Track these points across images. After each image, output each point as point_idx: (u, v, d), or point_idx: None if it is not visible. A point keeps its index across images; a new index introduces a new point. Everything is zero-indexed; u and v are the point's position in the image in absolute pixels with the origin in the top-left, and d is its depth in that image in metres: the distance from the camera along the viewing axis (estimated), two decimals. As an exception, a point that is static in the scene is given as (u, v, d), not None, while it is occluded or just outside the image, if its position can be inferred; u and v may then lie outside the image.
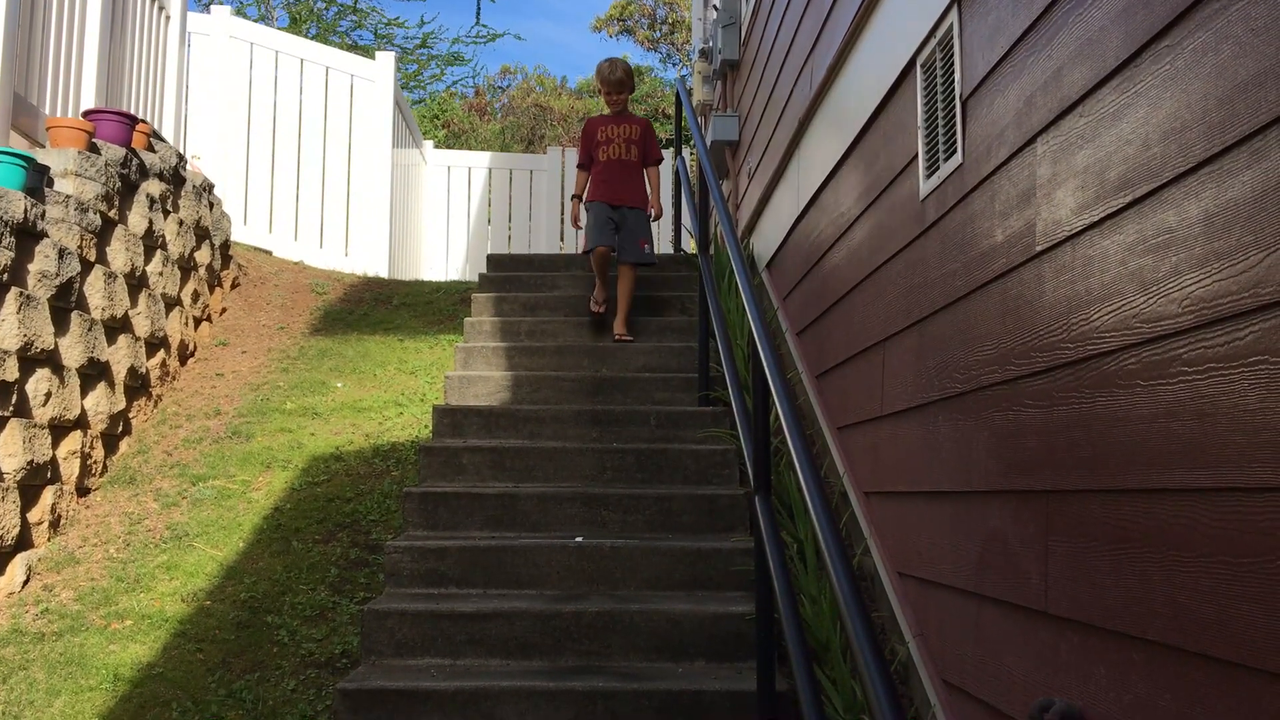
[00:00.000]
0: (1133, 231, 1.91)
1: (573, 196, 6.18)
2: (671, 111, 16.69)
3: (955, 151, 2.86)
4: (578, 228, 6.14)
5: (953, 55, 2.92)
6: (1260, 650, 1.52)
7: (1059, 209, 2.21)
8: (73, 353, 4.43)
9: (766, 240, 5.99)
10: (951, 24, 2.93)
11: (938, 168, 3.00)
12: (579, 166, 6.19)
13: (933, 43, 3.09)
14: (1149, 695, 1.82)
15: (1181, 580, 1.72)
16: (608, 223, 5.91)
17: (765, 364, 2.99)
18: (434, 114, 19.46)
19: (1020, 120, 2.44)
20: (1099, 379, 2.02)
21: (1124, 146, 1.95)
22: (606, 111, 6.29)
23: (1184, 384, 1.73)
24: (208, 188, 6.60)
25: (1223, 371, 1.63)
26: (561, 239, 10.93)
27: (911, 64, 3.28)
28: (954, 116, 2.88)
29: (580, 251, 6.08)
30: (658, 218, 6.11)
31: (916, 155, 3.18)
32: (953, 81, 2.91)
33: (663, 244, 10.22)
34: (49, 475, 4.22)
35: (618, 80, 6.08)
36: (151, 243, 5.47)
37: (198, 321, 6.19)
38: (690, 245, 7.75)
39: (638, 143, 6.09)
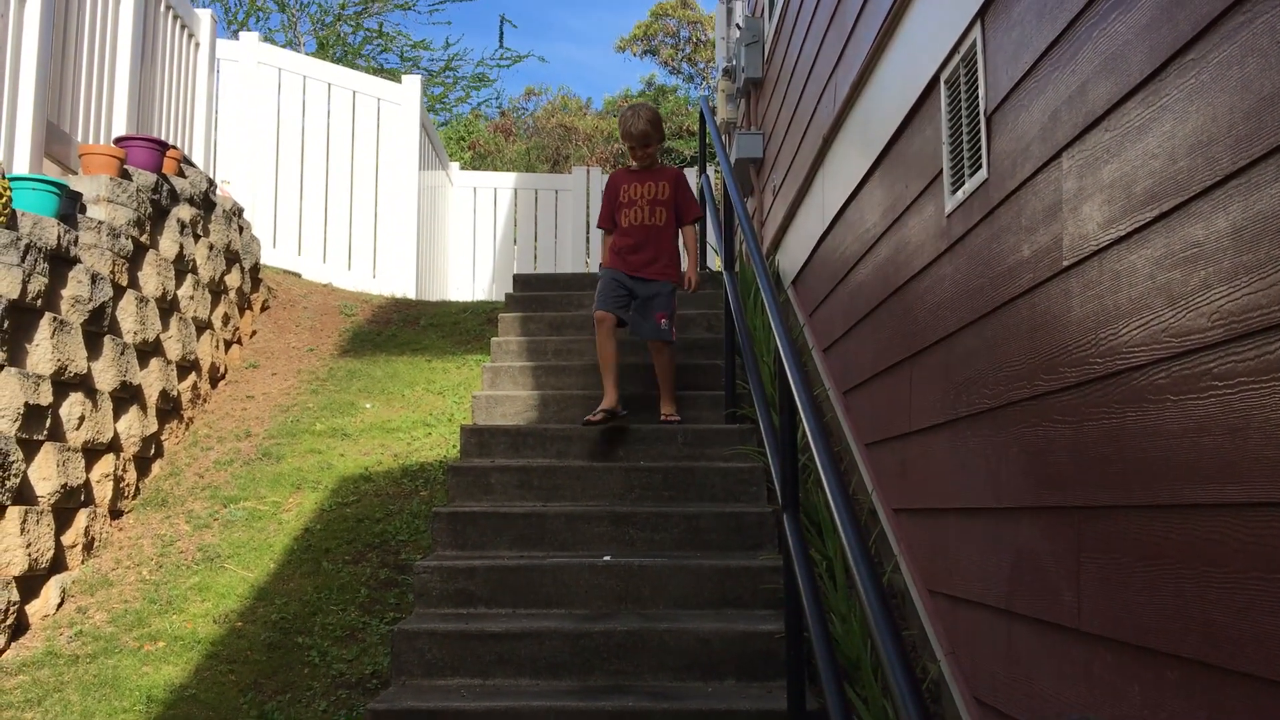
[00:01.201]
0: (1160, 245, 1.90)
1: (601, 265, 5.36)
2: (696, 129, 16.74)
3: (980, 167, 2.85)
4: None
5: (977, 71, 2.92)
6: (1297, 667, 1.51)
7: (1086, 223, 2.20)
8: (105, 376, 4.48)
9: (792, 257, 5.98)
10: (975, 40, 2.93)
11: (963, 183, 2.99)
12: (601, 228, 5.39)
13: (956, 59, 3.09)
14: (1184, 714, 1.80)
15: (1215, 596, 1.70)
16: (619, 288, 5.06)
17: (792, 381, 2.98)
18: (459, 135, 19.60)
19: (1045, 135, 2.43)
20: (1128, 394, 2.00)
21: (1150, 160, 1.94)
22: (632, 165, 5.36)
23: (1214, 398, 1.72)
24: (237, 212, 6.67)
25: (1253, 385, 1.62)
26: (588, 257, 10.98)
27: (935, 80, 3.28)
28: (979, 132, 2.88)
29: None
30: (694, 289, 5.34)
31: (941, 171, 3.18)
32: (977, 97, 2.91)
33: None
34: (82, 498, 4.26)
35: (641, 133, 5.15)
36: (182, 267, 5.53)
37: (228, 344, 6.25)
38: (716, 263, 7.75)
39: (665, 203, 5.16)
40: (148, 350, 4.98)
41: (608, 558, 4.00)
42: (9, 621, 3.75)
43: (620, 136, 5.34)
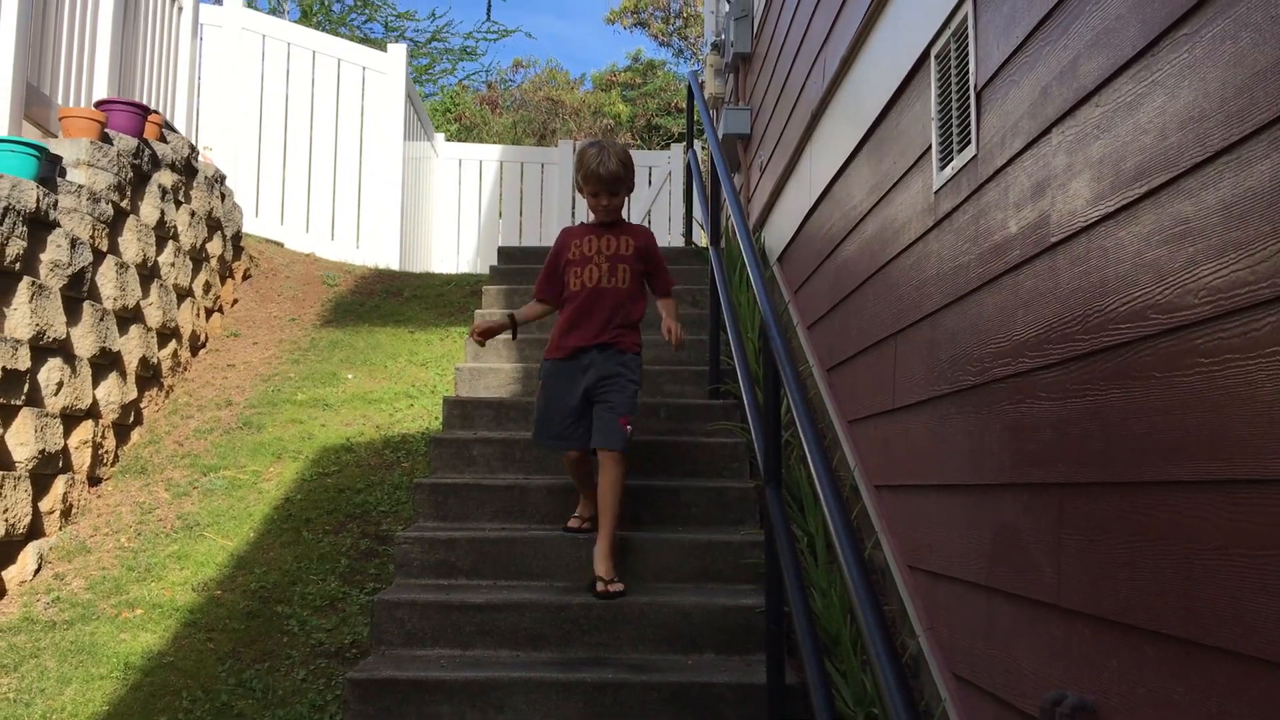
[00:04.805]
0: (1149, 222, 1.89)
1: (508, 314, 4.09)
2: (684, 105, 16.67)
3: (969, 143, 2.84)
4: (480, 340, 4.07)
5: (967, 46, 2.90)
6: (1277, 643, 1.51)
7: (1074, 200, 2.19)
8: (84, 342, 4.44)
9: (778, 233, 5.97)
10: (966, 14, 2.91)
11: (951, 159, 2.98)
12: (536, 298, 4.06)
13: (947, 33, 3.07)
14: (1162, 689, 1.80)
15: (1196, 573, 1.71)
16: (564, 401, 3.82)
17: (777, 356, 2.98)
18: (446, 107, 19.47)
19: (1035, 111, 2.42)
20: (1114, 371, 2.00)
21: (1140, 136, 1.93)
22: (589, 219, 4.05)
23: (1199, 375, 1.72)
24: (219, 179, 6.61)
25: (1239, 363, 1.61)
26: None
27: (925, 55, 3.26)
28: (968, 108, 2.87)
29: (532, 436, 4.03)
30: (679, 342, 3.95)
31: (930, 147, 3.17)
32: (967, 72, 2.89)
33: (674, 237, 10.22)
34: (60, 464, 4.23)
35: (611, 175, 3.83)
36: (163, 233, 5.48)
37: (209, 312, 6.20)
38: (701, 238, 7.73)
39: (629, 261, 3.89)
40: (128, 317, 4.94)
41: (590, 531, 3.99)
42: (-15, 587, 3.73)
43: (580, 179, 3.92)
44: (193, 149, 6.17)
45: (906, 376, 3.35)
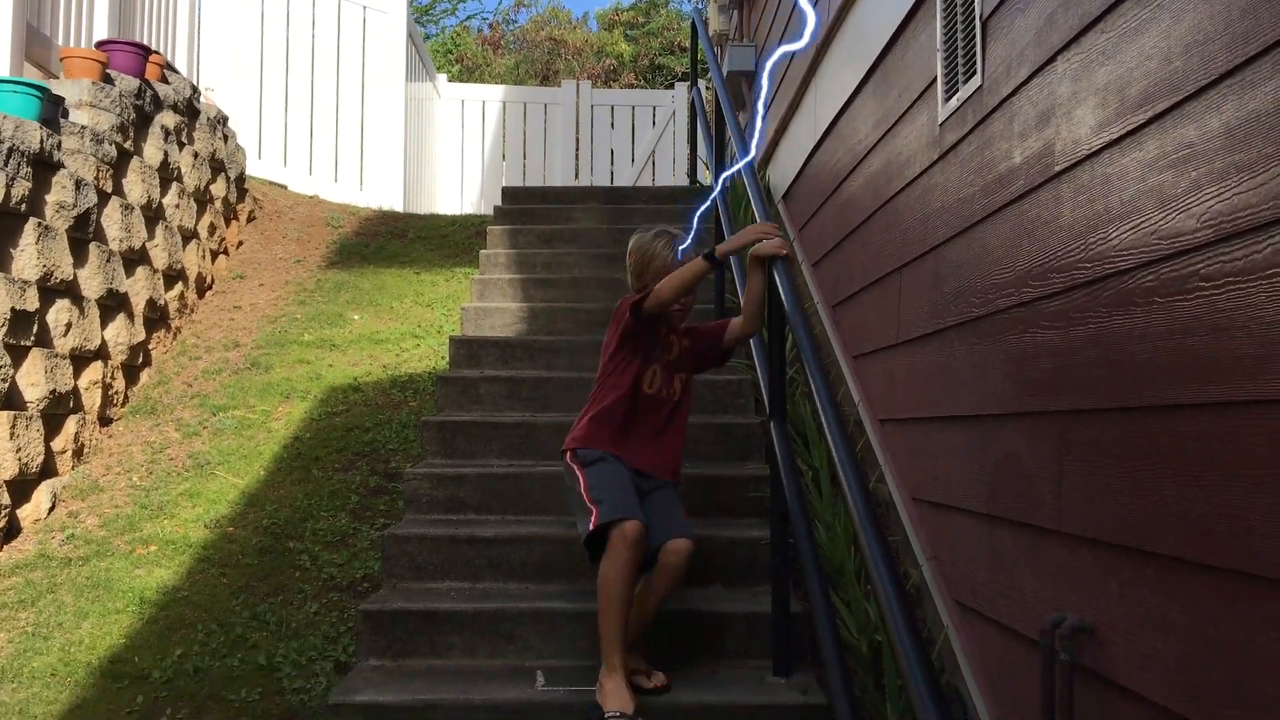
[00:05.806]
0: (1153, 148, 1.89)
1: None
2: (687, 44, 16.50)
3: (975, 73, 2.82)
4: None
5: (973, -25, 2.87)
6: (1275, 561, 1.54)
7: (1079, 128, 2.19)
8: (92, 284, 4.45)
9: (783, 171, 5.94)
10: (972, -57, 2.88)
11: (956, 90, 2.97)
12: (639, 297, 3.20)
13: (953, -37, 3.04)
14: (1161, 609, 1.84)
15: (1196, 494, 1.73)
16: (630, 484, 3.08)
17: (781, 292, 2.99)
18: (447, 49, 19.27)
19: (1041, 38, 2.40)
20: (1116, 298, 2.01)
21: (1145, 61, 1.93)
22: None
23: (1201, 299, 1.73)
24: (222, 120, 6.58)
25: (1240, 285, 1.62)
26: (576, 174, 10.87)
27: (931, -15, 3.23)
28: (974, 37, 2.85)
29: (590, 528, 2.97)
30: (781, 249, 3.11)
31: (935, 79, 3.15)
32: (972, 2, 2.87)
33: (678, 177, 10.17)
34: (71, 405, 4.27)
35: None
36: (167, 175, 5.47)
37: (214, 254, 6.21)
38: (705, 177, 7.70)
39: (687, 365, 3.30)
40: (134, 258, 4.95)
41: (596, 466, 4.02)
42: (0, 524, 3.78)
43: (649, 275, 3.32)
44: (195, 90, 6.14)
45: (911, 310, 3.36)
